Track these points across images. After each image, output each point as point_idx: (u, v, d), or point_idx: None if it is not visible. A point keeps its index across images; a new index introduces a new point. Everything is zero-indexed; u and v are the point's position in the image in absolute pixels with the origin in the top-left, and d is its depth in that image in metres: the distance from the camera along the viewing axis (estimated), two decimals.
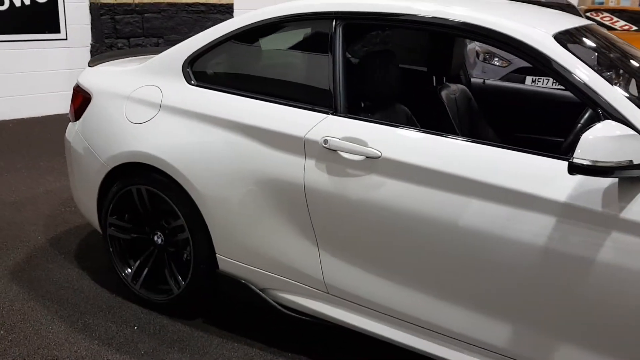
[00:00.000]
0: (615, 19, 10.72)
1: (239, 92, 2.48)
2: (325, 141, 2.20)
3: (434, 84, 3.25)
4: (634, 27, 10.43)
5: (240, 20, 2.52)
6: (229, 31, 2.52)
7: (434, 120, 2.92)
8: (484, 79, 3.61)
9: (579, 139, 1.99)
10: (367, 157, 2.13)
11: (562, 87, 6.71)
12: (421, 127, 2.70)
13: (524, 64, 7.52)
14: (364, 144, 2.14)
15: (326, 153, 2.21)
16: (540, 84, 7.28)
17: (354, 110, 2.39)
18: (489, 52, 7.55)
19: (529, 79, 7.33)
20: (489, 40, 2.08)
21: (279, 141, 2.31)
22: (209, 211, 2.48)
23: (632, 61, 2.45)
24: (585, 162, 1.69)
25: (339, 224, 2.23)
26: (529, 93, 3.58)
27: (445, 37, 3.11)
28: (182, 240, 2.64)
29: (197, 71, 2.61)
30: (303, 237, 2.34)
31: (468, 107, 3.29)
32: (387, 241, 2.15)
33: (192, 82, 2.59)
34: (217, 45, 2.55)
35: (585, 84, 1.89)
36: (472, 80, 3.59)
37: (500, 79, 6.96)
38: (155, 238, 2.75)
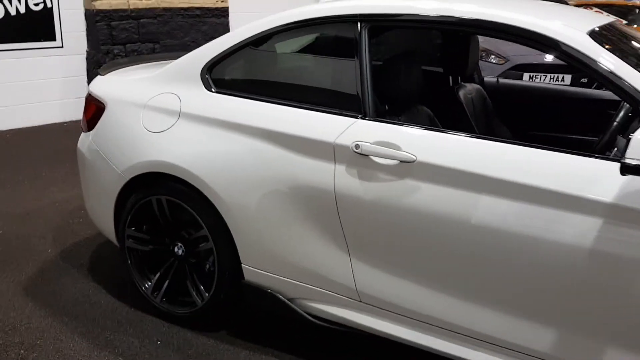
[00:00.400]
0: (604, 13, 10.77)
1: (262, 98, 2.42)
2: (357, 146, 2.15)
3: (451, 84, 3.21)
4: (624, 21, 10.49)
5: (260, 24, 2.46)
6: (249, 36, 2.46)
7: (453, 120, 2.88)
8: (497, 78, 3.58)
9: (616, 138, 1.95)
10: (401, 161, 2.08)
11: (568, 84, 6.63)
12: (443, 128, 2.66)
13: (521, 61, 7.53)
14: (398, 148, 2.09)
15: (357, 158, 2.16)
16: (537, 80, 7.28)
17: (383, 113, 2.34)
18: (485, 49, 7.52)
19: (526, 76, 7.32)
20: (524, 41, 2.04)
21: (307, 147, 2.26)
22: (234, 220, 2.41)
23: None
24: (636, 162, 1.65)
25: (371, 230, 2.18)
26: (543, 91, 3.56)
27: (463, 37, 3.07)
28: (205, 250, 2.58)
29: (217, 78, 2.54)
30: (333, 244, 2.28)
31: (483, 107, 3.26)
32: (423, 246, 2.10)
33: (212, 89, 2.53)
34: (236, 50, 2.49)
35: (627, 83, 1.85)
36: (485, 79, 3.56)
37: (499, 76, 6.93)
38: (176, 249, 2.68)
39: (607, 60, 1.90)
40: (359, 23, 2.29)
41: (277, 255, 2.39)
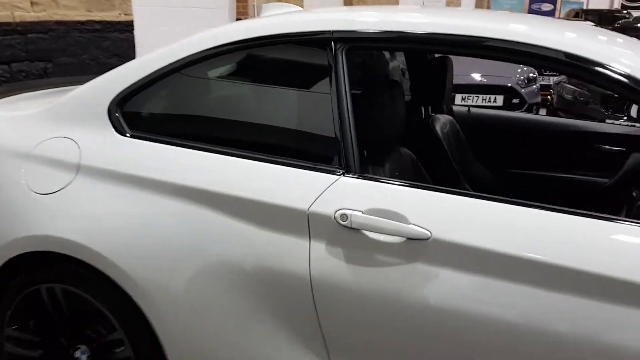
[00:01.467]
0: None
1: (197, 145, 1.74)
2: (343, 216, 1.51)
3: (423, 116, 2.66)
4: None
5: (192, 43, 1.78)
6: (177, 59, 1.77)
7: (431, 161, 2.34)
8: (469, 108, 3.08)
9: None
10: (408, 238, 1.47)
11: (501, 105, 6.23)
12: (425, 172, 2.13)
13: (455, 82, 7.21)
14: (404, 220, 1.48)
15: (344, 233, 1.53)
16: (470, 102, 6.97)
17: (370, 166, 1.73)
18: None
19: (458, 97, 6.98)
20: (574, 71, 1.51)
21: (267, 216, 1.60)
22: (160, 318, 1.72)
23: None
24: None
25: (363, 331, 1.57)
26: (519, 122, 3.10)
27: (437, 60, 2.54)
28: (121, 358, 1.84)
29: (132, 116, 1.83)
30: (308, 349, 1.64)
31: (457, 141, 2.74)
32: (439, 355, 1.50)
33: (125, 132, 1.81)
34: (160, 78, 1.79)
35: None
36: (455, 108, 3.05)
37: None
38: (77, 354, 1.92)
39: None
40: (332, 43, 1.67)
41: None
